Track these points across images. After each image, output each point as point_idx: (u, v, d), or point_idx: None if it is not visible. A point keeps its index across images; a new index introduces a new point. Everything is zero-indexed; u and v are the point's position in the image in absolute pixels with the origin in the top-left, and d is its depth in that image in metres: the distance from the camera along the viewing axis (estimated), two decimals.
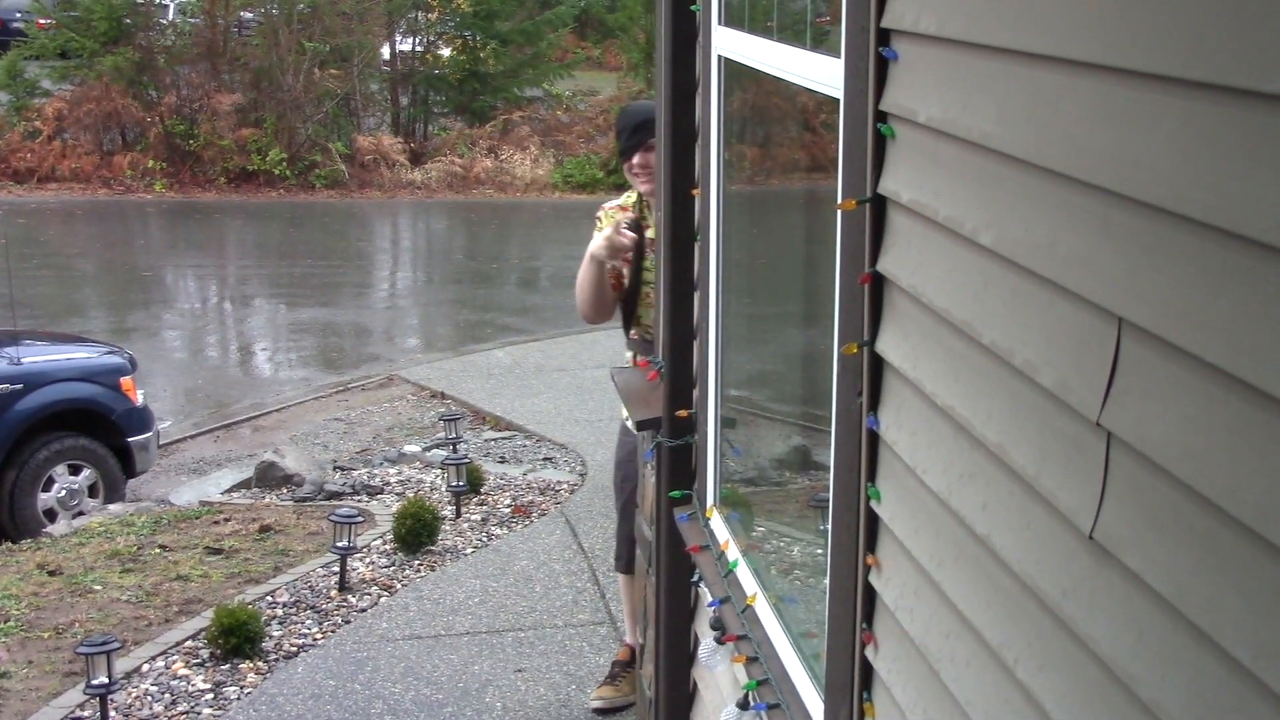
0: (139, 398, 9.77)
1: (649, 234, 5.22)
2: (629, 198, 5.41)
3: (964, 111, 1.92)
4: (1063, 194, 1.63)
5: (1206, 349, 1.35)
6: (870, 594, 2.39)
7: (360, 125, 25.66)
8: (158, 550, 7.78)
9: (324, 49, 24.82)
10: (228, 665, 6.12)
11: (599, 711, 5.53)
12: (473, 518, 8.16)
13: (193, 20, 25.74)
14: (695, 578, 4.02)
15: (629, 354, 5.47)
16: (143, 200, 23.04)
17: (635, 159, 5.21)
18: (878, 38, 2.22)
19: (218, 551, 7.71)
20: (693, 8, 3.85)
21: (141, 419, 9.79)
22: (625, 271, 5.23)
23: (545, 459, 9.66)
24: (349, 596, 6.90)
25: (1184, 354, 1.38)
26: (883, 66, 2.22)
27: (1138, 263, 1.47)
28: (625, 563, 5.48)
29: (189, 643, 6.37)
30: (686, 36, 3.95)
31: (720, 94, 3.69)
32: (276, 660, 6.19)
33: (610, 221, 5.29)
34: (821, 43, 2.85)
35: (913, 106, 2.11)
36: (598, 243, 5.17)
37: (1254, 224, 1.26)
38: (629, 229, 5.19)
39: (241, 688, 5.94)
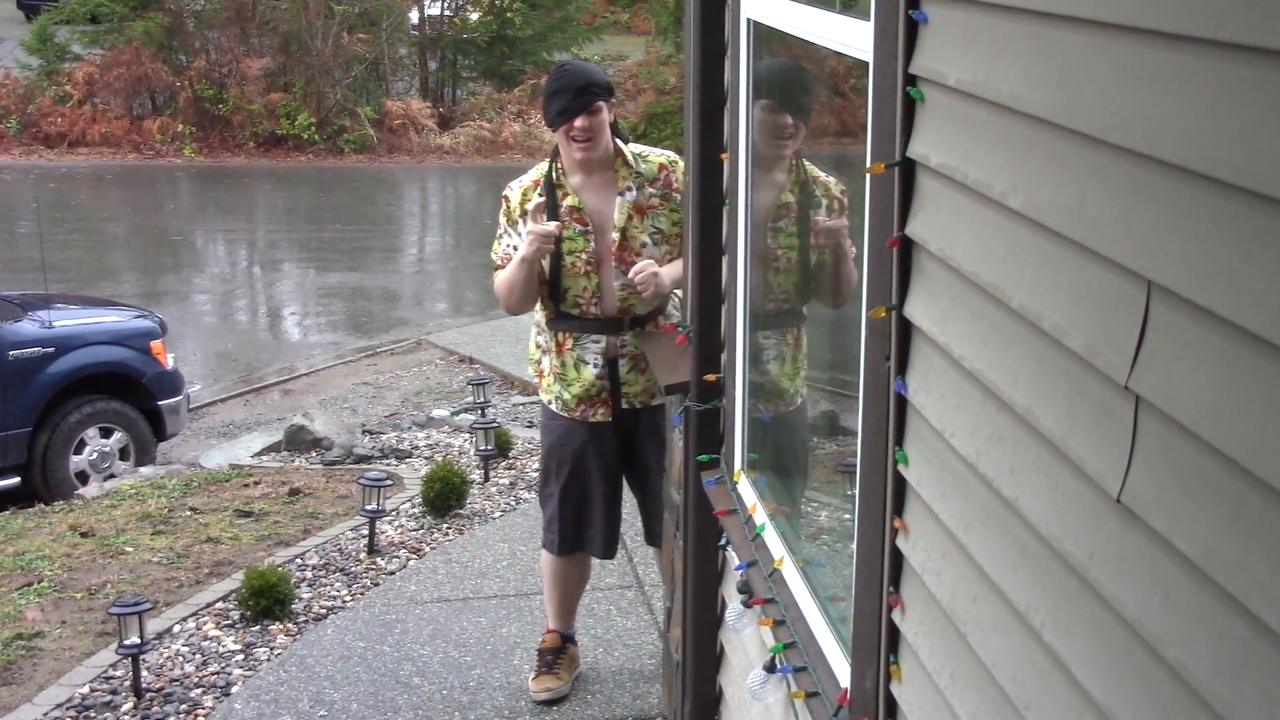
0: (169, 361, 9.83)
1: (568, 201, 5.06)
2: (539, 170, 5.17)
3: (993, 74, 1.92)
4: (1092, 156, 1.63)
5: (1236, 312, 1.34)
6: (897, 557, 2.39)
7: (389, 90, 25.68)
8: (188, 512, 7.84)
9: (353, 13, 24.81)
10: (258, 627, 6.17)
11: (546, 703, 5.40)
12: (501, 482, 8.19)
13: None
14: (722, 541, 4.03)
15: (542, 339, 5.25)
16: (172, 165, 23.12)
17: (578, 122, 4.95)
18: (908, 0, 2.21)
19: (248, 514, 7.77)
20: None
21: (172, 382, 9.85)
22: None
23: None
24: (378, 559, 6.94)
25: (1213, 317, 1.38)
26: (912, 29, 2.21)
27: (1167, 225, 1.47)
28: (559, 545, 5.34)
29: (219, 604, 6.42)
30: (715, 0, 3.93)
31: (749, 58, 3.68)
32: (306, 622, 6.24)
33: (525, 203, 5.07)
34: (851, 6, 2.84)
35: (942, 69, 2.10)
36: (527, 246, 4.92)
37: None
38: (543, 213, 4.98)
39: (271, 649, 5.98)
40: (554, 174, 5.11)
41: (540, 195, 5.07)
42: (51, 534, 7.58)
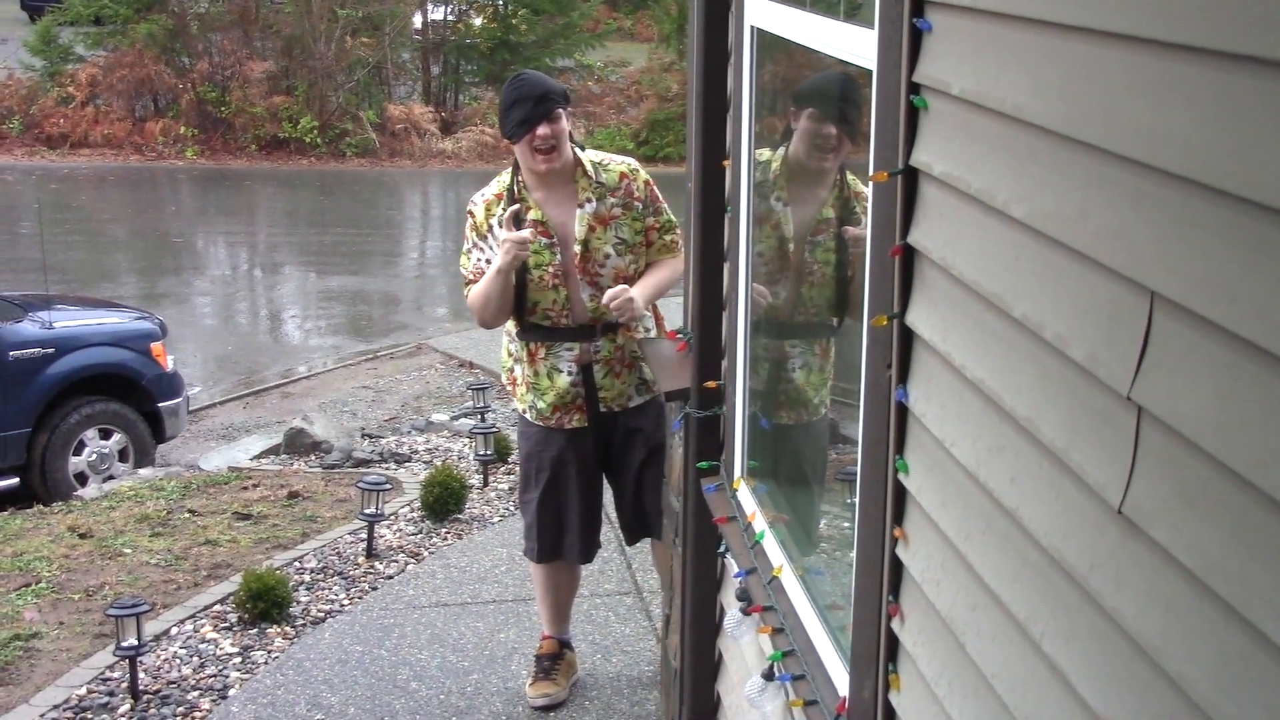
0: (169, 363, 9.84)
1: (531, 215, 5.02)
2: (501, 183, 5.14)
3: (997, 83, 1.92)
4: (1095, 166, 1.63)
5: (1239, 323, 1.34)
6: (897, 566, 2.39)
7: (391, 94, 25.71)
8: (187, 515, 7.84)
9: (356, 17, 24.84)
10: (255, 630, 6.16)
11: (543, 709, 5.38)
12: (500, 486, 8.19)
13: None
14: (722, 549, 4.03)
15: (513, 347, 5.23)
16: (174, 167, 23.14)
17: (541, 130, 4.92)
18: (912, 9, 2.21)
19: (246, 517, 7.76)
20: None
21: (172, 384, 9.85)
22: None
23: None
24: (376, 563, 6.94)
25: (1216, 328, 1.38)
26: (916, 38, 2.21)
27: (1170, 236, 1.47)
28: (538, 553, 5.35)
29: (217, 607, 6.41)
30: (719, 7, 3.93)
31: (752, 65, 3.68)
32: (304, 625, 6.23)
33: (490, 216, 5.06)
34: (855, 14, 2.84)
35: (946, 78, 2.10)
36: (503, 256, 4.87)
37: None
38: (515, 222, 4.95)
39: (269, 652, 5.98)
40: (515, 188, 5.08)
41: (503, 207, 5.03)
42: (50, 535, 7.57)
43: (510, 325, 5.21)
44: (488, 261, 5.02)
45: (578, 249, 5.02)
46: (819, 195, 3.89)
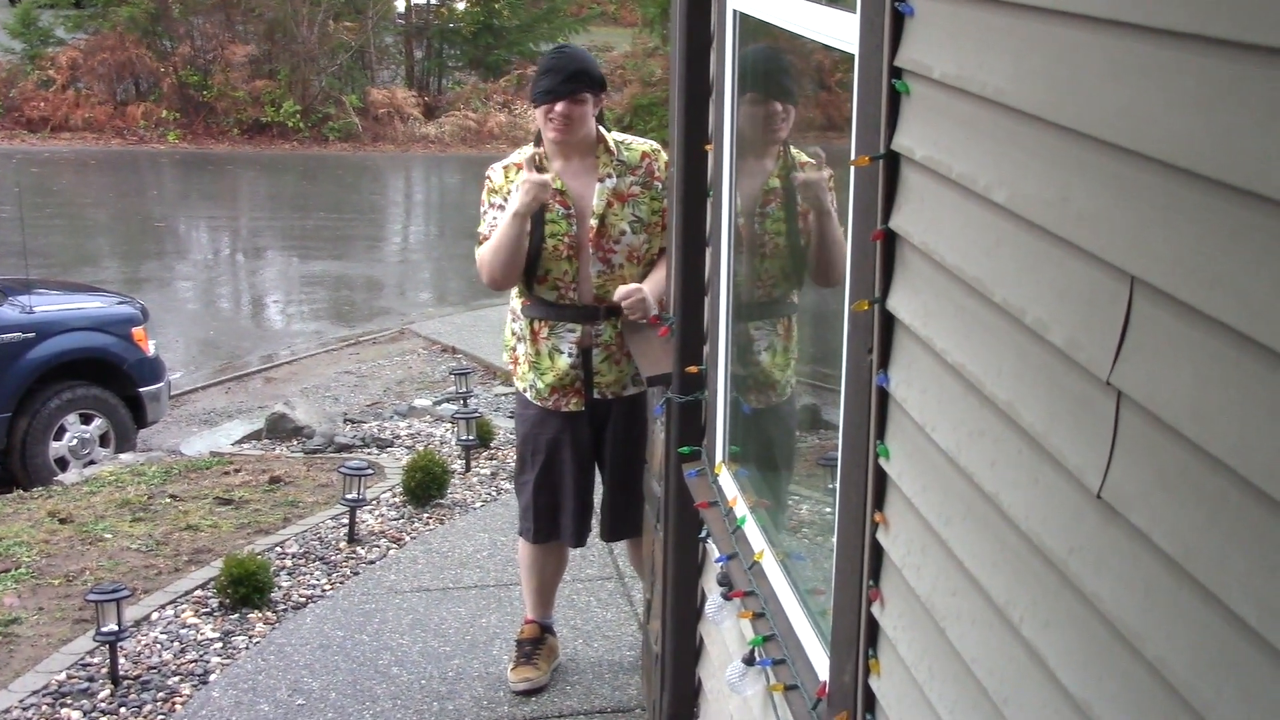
0: (151, 348, 9.80)
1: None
2: (522, 155, 5.12)
3: (979, 68, 1.91)
4: (1076, 151, 1.62)
5: (1218, 308, 1.34)
6: (877, 551, 2.39)
7: (374, 78, 25.64)
8: (168, 500, 7.82)
9: (339, 0, 24.74)
10: (236, 615, 6.15)
11: (524, 693, 5.39)
12: (482, 472, 8.18)
13: None
14: (703, 534, 4.03)
15: (517, 326, 5.22)
16: (156, 151, 23.05)
17: (559, 107, 4.93)
18: None
19: (228, 502, 7.74)
20: None
21: (153, 369, 9.81)
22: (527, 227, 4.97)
23: None
24: (358, 548, 6.93)
25: (1195, 313, 1.38)
26: (898, 22, 2.20)
27: (1151, 221, 1.47)
28: (534, 533, 5.35)
29: (198, 592, 6.40)
30: None
31: (735, 49, 3.67)
32: (285, 610, 6.22)
33: (509, 180, 5.04)
34: None
35: (928, 62, 2.10)
36: (521, 197, 4.86)
37: (1268, 182, 1.25)
38: (538, 169, 4.96)
39: (250, 637, 5.97)
40: (536, 157, 5.09)
41: (527, 166, 5.01)
42: (30, 520, 7.55)
43: (515, 304, 5.21)
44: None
45: (593, 223, 5.03)
46: (765, 167, 3.89)
